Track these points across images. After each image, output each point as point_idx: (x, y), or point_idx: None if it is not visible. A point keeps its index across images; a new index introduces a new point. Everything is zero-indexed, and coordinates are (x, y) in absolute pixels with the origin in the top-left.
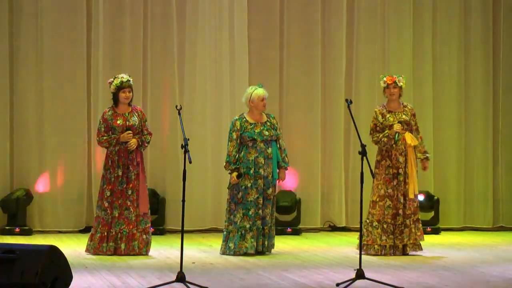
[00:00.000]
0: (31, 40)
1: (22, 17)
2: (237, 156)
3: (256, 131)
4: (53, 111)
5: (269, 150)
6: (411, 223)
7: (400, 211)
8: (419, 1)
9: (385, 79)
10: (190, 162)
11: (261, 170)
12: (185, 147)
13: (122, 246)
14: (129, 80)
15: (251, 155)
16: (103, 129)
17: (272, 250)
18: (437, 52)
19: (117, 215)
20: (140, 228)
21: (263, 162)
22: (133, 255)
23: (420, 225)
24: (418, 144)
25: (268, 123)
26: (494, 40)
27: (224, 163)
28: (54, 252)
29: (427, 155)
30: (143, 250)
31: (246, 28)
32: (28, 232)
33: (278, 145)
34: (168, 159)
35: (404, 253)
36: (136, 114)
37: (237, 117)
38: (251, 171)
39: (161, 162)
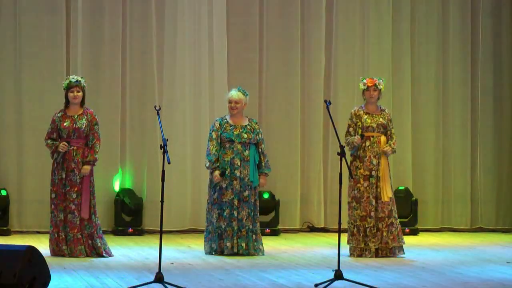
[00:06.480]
0: (9, 40)
1: (0, 17)
2: (217, 155)
3: (235, 132)
4: (32, 111)
5: (246, 153)
6: (384, 226)
7: (372, 214)
8: (397, 4)
9: (365, 81)
10: (169, 163)
11: (236, 172)
12: (164, 147)
13: (66, 247)
14: (79, 81)
15: (227, 156)
16: (49, 130)
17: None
18: (415, 54)
19: (63, 218)
20: (85, 233)
21: (239, 164)
22: (83, 257)
23: (394, 228)
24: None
25: (249, 127)
26: (473, 42)
27: (206, 162)
28: (32, 253)
29: (392, 146)
30: (92, 254)
31: (225, 29)
32: (6, 233)
33: (260, 150)
34: (147, 159)
35: (377, 256)
36: (86, 117)
37: (218, 118)
38: (227, 172)
39: (140, 163)
